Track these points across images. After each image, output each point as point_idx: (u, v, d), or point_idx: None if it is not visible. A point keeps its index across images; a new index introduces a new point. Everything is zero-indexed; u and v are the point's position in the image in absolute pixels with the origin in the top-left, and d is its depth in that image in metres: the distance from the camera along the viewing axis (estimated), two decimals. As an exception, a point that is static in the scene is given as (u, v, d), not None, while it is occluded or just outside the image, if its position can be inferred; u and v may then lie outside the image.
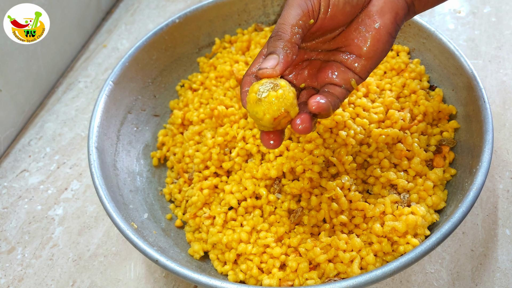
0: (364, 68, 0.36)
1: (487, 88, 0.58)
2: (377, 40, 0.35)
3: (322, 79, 0.38)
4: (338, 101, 0.36)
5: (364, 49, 0.36)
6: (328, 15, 0.35)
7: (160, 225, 0.48)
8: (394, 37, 0.36)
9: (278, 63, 0.33)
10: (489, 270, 0.44)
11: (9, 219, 0.53)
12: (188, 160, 0.51)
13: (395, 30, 0.36)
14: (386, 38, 0.35)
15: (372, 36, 0.35)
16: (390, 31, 0.35)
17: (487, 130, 0.41)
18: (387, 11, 0.35)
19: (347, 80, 0.36)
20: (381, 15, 0.35)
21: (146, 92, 0.56)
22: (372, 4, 0.35)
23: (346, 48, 0.37)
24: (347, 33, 0.36)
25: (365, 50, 0.36)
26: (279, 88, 0.32)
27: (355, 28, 0.36)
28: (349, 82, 0.37)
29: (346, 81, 0.36)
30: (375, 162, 0.46)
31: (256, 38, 0.58)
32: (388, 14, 0.35)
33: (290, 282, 0.40)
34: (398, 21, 0.36)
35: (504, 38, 0.64)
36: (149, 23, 0.76)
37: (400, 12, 0.36)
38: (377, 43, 0.35)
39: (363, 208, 0.42)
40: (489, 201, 0.49)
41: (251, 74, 0.36)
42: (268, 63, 0.33)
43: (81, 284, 0.47)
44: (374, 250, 0.41)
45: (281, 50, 0.33)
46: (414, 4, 0.36)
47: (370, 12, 0.35)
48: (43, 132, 0.62)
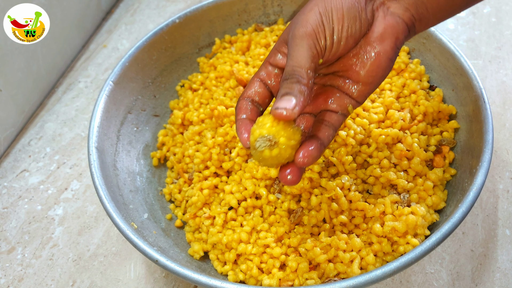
0: (362, 93, 0.35)
1: (487, 88, 0.58)
2: (377, 66, 0.34)
3: (318, 105, 0.36)
4: (332, 132, 0.35)
5: (363, 74, 0.35)
6: (332, 52, 0.34)
7: (160, 225, 0.48)
8: (394, 61, 0.35)
9: (296, 105, 0.30)
10: (489, 270, 0.44)
11: (9, 219, 0.53)
12: (188, 160, 0.51)
13: (395, 54, 0.35)
14: (385, 63, 0.34)
15: (372, 63, 0.34)
16: (390, 56, 0.34)
17: (487, 130, 0.41)
18: (387, 37, 0.34)
19: (343, 106, 0.36)
20: (381, 41, 0.34)
21: (146, 92, 0.56)
22: (372, 31, 0.34)
23: (344, 73, 0.36)
24: (346, 58, 0.35)
25: (363, 76, 0.35)
26: (276, 147, 0.31)
27: (354, 54, 0.35)
28: (346, 108, 0.36)
29: (343, 107, 0.36)
30: (375, 162, 0.46)
31: (256, 38, 0.58)
32: (388, 40, 0.34)
33: (290, 282, 0.40)
34: (398, 45, 0.35)
35: (504, 38, 0.64)
36: (149, 23, 0.76)
37: (401, 36, 0.34)
38: (377, 69, 0.34)
39: (363, 208, 0.42)
40: (489, 201, 0.49)
41: (246, 97, 0.35)
42: (285, 103, 0.30)
43: (81, 284, 0.47)
44: (374, 250, 0.41)
45: (298, 93, 0.31)
46: (414, 25, 0.35)
47: (370, 38, 0.34)
48: (43, 132, 0.62)
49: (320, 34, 0.33)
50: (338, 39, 0.33)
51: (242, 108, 0.35)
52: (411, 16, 0.35)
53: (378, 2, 0.35)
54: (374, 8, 0.35)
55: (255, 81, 0.36)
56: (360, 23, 0.34)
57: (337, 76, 0.36)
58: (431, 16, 0.35)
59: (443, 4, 0.34)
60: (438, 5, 0.34)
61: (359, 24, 0.34)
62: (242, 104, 0.35)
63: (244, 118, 0.35)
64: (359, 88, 0.35)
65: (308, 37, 0.33)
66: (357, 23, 0.33)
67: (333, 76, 0.36)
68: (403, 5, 0.34)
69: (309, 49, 0.32)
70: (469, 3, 0.36)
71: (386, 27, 0.34)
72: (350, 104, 0.36)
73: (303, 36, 0.33)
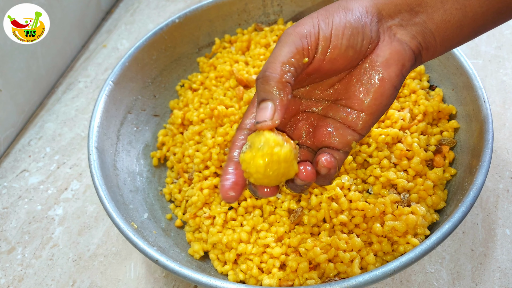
0: (366, 125, 0.33)
1: (487, 87, 0.58)
2: (381, 94, 0.32)
3: (319, 140, 0.34)
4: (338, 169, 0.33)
5: (366, 103, 0.32)
6: (327, 56, 0.32)
7: (160, 225, 0.48)
8: (398, 89, 0.33)
9: (275, 111, 0.29)
10: (489, 270, 0.44)
11: (9, 219, 0.53)
12: (188, 160, 0.51)
13: (400, 82, 0.33)
14: (390, 91, 0.32)
15: (375, 90, 0.32)
16: (395, 84, 0.32)
17: (487, 130, 0.41)
18: (392, 63, 0.32)
19: (346, 144, 0.33)
20: (386, 67, 0.32)
21: (146, 92, 0.56)
22: (376, 54, 0.32)
23: (347, 101, 0.33)
24: (348, 83, 0.33)
25: (366, 104, 0.33)
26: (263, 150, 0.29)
27: (358, 79, 0.33)
28: (350, 144, 0.34)
29: (346, 145, 0.33)
30: (375, 162, 0.46)
31: (256, 38, 0.58)
32: (393, 66, 0.32)
33: (290, 282, 0.40)
34: (404, 73, 0.33)
35: (504, 38, 0.64)
36: (149, 23, 0.76)
37: (407, 63, 0.33)
38: (380, 97, 0.32)
39: (363, 208, 0.42)
40: (489, 201, 0.49)
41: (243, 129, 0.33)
42: (265, 114, 0.29)
43: (81, 284, 0.47)
44: (374, 250, 0.41)
45: (273, 94, 0.29)
46: (421, 54, 0.34)
47: (375, 62, 0.32)
48: (43, 132, 0.62)
49: (312, 34, 0.31)
50: (336, 44, 0.31)
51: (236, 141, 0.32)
52: (418, 44, 0.33)
53: (384, 26, 0.33)
54: (380, 31, 0.33)
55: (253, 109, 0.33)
56: (363, 37, 0.32)
57: (339, 105, 0.34)
58: (439, 45, 0.34)
59: (451, 33, 0.33)
60: (446, 35, 0.33)
61: (361, 37, 0.32)
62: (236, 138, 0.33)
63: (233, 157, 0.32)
64: (362, 119, 0.33)
65: (295, 34, 0.31)
66: (359, 35, 0.32)
67: (334, 105, 0.34)
68: (410, 32, 0.33)
69: (292, 43, 0.30)
70: (478, 33, 0.34)
71: (392, 52, 0.32)
72: (354, 141, 0.33)
73: (291, 33, 0.31)
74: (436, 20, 0.33)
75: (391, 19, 0.33)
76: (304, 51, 0.31)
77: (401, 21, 0.33)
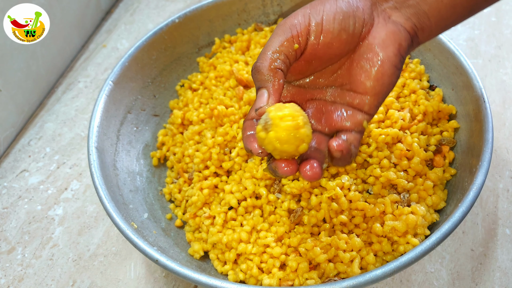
0: (372, 105, 0.34)
1: (487, 87, 0.58)
2: (382, 74, 0.33)
3: (331, 124, 0.35)
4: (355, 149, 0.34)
5: (369, 85, 0.34)
6: (321, 41, 0.33)
7: (160, 225, 0.48)
8: (400, 69, 0.34)
9: (269, 96, 0.32)
10: (489, 269, 0.44)
11: (9, 219, 0.53)
12: (188, 160, 0.51)
13: (400, 62, 0.34)
14: (391, 70, 0.33)
15: (377, 71, 0.33)
16: (394, 63, 0.34)
17: (487, 129, 0.41)
18: (389, 43, 0.33)
19: (358, 123, 0.34)
20: (383, 47, 0.33)
21: (146, 92, 0.56)
22: (373, 37, 0.34)
23: (351, 85, 0.35)
24: (350, 68, 0.35)
25: (370, 86, 0.34)
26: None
27: (358, 63, 0.34)
28: (361, 124, 0.34)
29: (358, 125, 0.34)
30: (375, 162, 0.46)
31: (256, 38, 0.58)
32: (391, 46, 0.33)
33: (290, 282, 0.40)
34: (402, 53, 0.34)
35: (504, 38, 0.64)
36: (149, 23, 0.76)
37: (403, 43, 0.34)
38: (382, 77, 0.33)
39: (363, 208, 0.42)
40: (489, 201, 0.49)
41: (250, 119, 0.35)
42: (261, 100, 0.32)
43: (81, 284, 0.47)
44: (374, 250, 0.41)
45: (265, 81, 0.32)
46: (417, 35, 0.35)
47: (372, 45, 0.34)
48: (43, 132, 0.62)
49: (302, 23, 0.33)
50: (328, 29, 0.33)
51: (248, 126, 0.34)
52: (413, 25, 0.34)
53: (379, 10, 0.34)
54: (374, 14, 0.34)
55: None
56: (355, 20, 0.33)
57: (343, 90, 0.35)
58: (434, 25, 0.34)
59: (445, 13, 0.34)
60: (440, 14, 0.34)
61: (353, 20, 0.33)
62: (247, 124, 0.34)
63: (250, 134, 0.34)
64: (368, 101, 0.34)
65: (285, 25, 0.33)
66: (350, 19, 0.33)
67: (340, 91, 0.36)
68: (404, 14, 0.34)
69: (282, 33, 0.33)
70: (472, 11, 0.35)
71: (388, 33, 0.33)
72: (365, 120, 0.34)
73: (282, 24, 0.33)
74: (429, 1, 0.34)
75: (385, 2, 0.35)
76: (294, 38, 0.33)
77: (395, 3, 0.34)
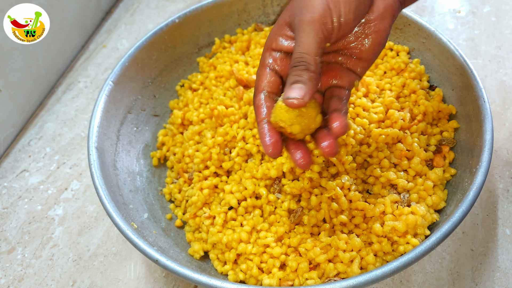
0: (364, 69, 0.38)
1: (487, 87, 0.58)
2: (378, 44, 0.37)
3: (326, 82, 0.39)
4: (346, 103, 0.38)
5: (366, 52, 0.37)
6: (340, 33, 0.36)
7: (160, 225, 0.48)
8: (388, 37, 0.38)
9: (306, 93, 0.33)
10: (489, 269, 0.44)
11: (9, 219, 0.53)
12: (188, 160, 0.51)
13: (389, 31, 0.38)
14: (384, 40, 0.37)
15: (373, 40, 0.37)
16: (388, 32, 0.37)
17: (487, 129, 0.41)
18: (387, 16, 0.36)
19: (351, 82, 0.38)
20: (381, 20, 0.36)
21: (146, 92, 0.56)
22: (372, 11, 0.36)
23: (348, 50, 0.38)
24: (349, 37, 0.37)
25: (366, 53, 0.37)
26: None
27: (358, 33, 0.37)
28: (353, 83, 0.38)
29: (351, 83, 0.38)
30: (375, 162, 0.46)
31: (256, 38, 0.58)
32: (387, 19, 0.37)
33: (290, 282, 0.40)
34: (393, 22, 0.38)
35: (504, 38, 0.64)
36: (149, 23, 0.76)
37: (396, 13, 0.37)
38: (378, 46, 0.37)
39: (363, 208, 0.42)
40: (489, 201, 0.49)
41: (261, 91, 0.37)
42: (296, 92, 0.33)
43: (81, 284, 0.47)
44: (374, 250, 0.41)
45: (308, 81, 0.33)
46: (405, 2, 0.38)
47: (371, 18, 0.36)
48: (43, 132, 0.62)
49: (327, 19, 0.34)
50: (346, 21, 0.35)
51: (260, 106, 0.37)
52: None
53: None
54: None
55: (265, 71, 0.37)
56: (364, 4, 0.35)
57: (342, 54, 0.38)
58: None
59: None
60: None
61: (363, 5, 0.35)
62: (259, 101, 0.37)
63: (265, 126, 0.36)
64: (362, 65, 0.38)
65: (315, 23, 0.34)
66: (361, 5, 0.35)
67: (337, 54, 0.39)
68: None
69: (316, 34, 0.34)
70: None
71: (386, 7, 0.36)
72: (357, 80, 0.38)
73: (310, 21, 0.34)
74: None
75: None
76: (326, 38, 0.35)
77: None
